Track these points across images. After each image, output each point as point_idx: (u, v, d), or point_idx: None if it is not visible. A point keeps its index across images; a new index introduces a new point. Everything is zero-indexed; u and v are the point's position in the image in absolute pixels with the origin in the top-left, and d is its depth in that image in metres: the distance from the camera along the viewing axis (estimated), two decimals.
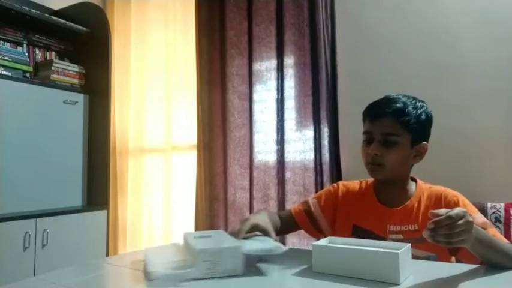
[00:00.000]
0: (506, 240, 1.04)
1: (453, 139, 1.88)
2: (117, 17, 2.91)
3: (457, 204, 1.11)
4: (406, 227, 1.13)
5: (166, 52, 2.75)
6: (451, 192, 1.16)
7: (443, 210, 0.82)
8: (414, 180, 1.22)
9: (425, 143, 1.17)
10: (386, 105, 1.13)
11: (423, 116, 1.14)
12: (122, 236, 2.84)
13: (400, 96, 1.16)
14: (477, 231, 0.88)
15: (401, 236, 1.12)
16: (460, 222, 0.80)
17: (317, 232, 1.30)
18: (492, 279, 0.88)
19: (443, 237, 0.80)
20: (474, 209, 1.12)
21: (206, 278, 0.87)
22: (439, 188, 1.18)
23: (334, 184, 1.34)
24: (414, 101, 1.15)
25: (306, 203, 1.31)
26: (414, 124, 1.12)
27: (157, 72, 2.78)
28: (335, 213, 1.26)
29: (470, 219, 0.83)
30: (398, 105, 1.12)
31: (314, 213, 1.28)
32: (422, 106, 1.15)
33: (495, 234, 1.04)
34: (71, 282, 0.91)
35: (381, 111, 1.13)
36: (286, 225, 1.28)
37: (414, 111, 1.12)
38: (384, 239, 1.13)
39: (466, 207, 1.10)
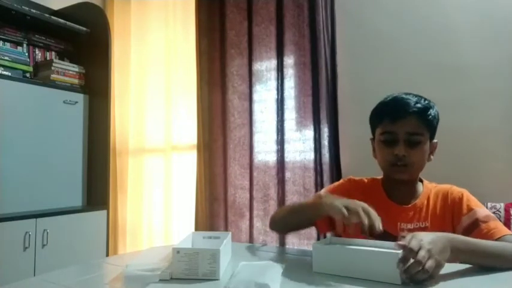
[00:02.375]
0: (508, 232, 1.03)
1: (453, 139, 1.87)
2: (117, 17, 2.90)
3: (461, 200, 1.13)
4: (416, 225, 1.15)
5: (166, 52, 2.74)
6: (457, 189, 1.18)
7: (407, 238, 0.84)
8: (420, 180, 1.24)
9: (436, 140, 1.20)
10: (408, 105, 1.13)
11: (437, 114, 1.17)
12: (122, 236, 2.84)
13: (410, 96, 1.16)
14: (453, 242, 0.89)
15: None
16: (422, 253, 0.80)
17: (330, 228, 1.25)
18: (492, 279, 0.88)
19: (422, 274, 0.80)
20: (478, 203, 1.13)
21: (183, 279, 0.88)
22: (446, 186, 1.20)
23: (346, 179, 1.33)
24: (426, 100, 1.16)
25: (320, 196, 1.25)
26: (434, 122, 1.15)
27: (157, 72, 2.78)
28: None
29: (428, 246, 0.82)
30: (419, 104, 1.13)
31: None
32: (434, 105, 1.17)
33: (497, 226, 1.05)
34: (71, 282, 0.91)
35: (404, 111, 1.12)
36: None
37: (432, 110, 1.15)
38: (395, 236, 1.12)
39: (469, 201, 1.13)
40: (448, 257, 0.87)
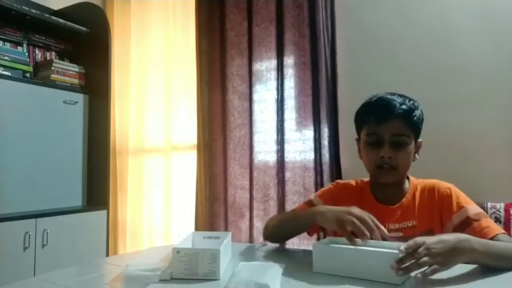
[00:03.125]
0: (501, 230, 1.04)
1: (453, 139, 1.88)
2: (117, 17, 2.91)
3: (449, 196, 1.12)
4: (404, 224, 1.14)
5: (166, 52, 2.74)
6: (444, 184, 1.16)
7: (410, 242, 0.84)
8: (407, 177, 1.23)
9: (420, 140, 1.19)
10: (394, 107, 1.11)
11: (422, 115, 1.17)
12: (122, 236, 2.84)
13: (395, 97, 1.15)
14: (469, 242, 0.88)
15: (400, 233, 1.13)
16: (419, 250, 0.82)
17: (320, 231, 1.28)
18: (492, 279, 0.88)
19: (416, 266, 0.82)
20: (468, 200, 1.12)
21: (183, 279, 0.88)
22: (432, 181, 1.19)
23: (333, 183, 1.35)
24: (411, 101, 1.16)
25: (311, 202, 1.28)
26: (419, 123, 1.15)
27: (157, 72, 2.78)
28: None
29: (430, 246, 0.83)
30: (404, 106, 1.12)
31: None
32: (418, 105, 1.17)
33: (489, 225, 1.05)
34: (71, 282, 0.91)
35: (390, 113, 1.11)
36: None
37: (417, 111, 1.14)
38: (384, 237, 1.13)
39: (458, 199, 1.12)
40: (461, 258, 0.86)
